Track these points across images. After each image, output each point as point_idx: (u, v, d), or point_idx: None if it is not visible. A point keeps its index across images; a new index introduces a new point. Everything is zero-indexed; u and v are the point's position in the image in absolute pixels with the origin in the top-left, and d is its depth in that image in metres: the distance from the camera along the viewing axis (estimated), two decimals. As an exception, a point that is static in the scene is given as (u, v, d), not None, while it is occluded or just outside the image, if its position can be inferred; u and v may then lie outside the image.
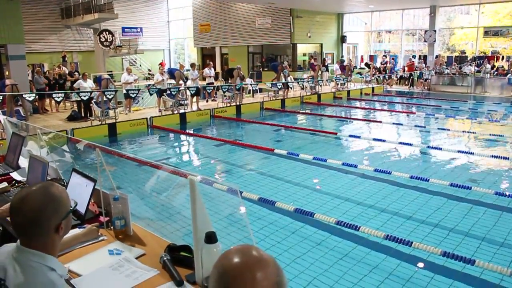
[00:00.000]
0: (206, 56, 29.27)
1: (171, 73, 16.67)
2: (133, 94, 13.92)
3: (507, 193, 6.38)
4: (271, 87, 18.02)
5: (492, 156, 8.72)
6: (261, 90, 18.65)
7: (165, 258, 2.06)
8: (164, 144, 11.69)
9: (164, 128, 12.50)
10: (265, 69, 26.12)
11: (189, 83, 16.00)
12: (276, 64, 21.79)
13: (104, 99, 12.68)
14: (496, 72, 20.65)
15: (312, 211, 5.52)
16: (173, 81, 15.76)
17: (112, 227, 2.50)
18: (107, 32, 23.49)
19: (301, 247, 4.91)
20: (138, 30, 29.75)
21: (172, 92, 14.15)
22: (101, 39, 23.11)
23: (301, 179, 7.56)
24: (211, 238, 1.74)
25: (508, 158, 8.72)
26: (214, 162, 9.21)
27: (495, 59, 22.48)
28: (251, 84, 17.31)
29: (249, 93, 18.26)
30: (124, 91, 13.98)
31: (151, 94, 14.44)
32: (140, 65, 30.51)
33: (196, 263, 1.86)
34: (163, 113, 14.07)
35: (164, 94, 14.33)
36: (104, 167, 2.60)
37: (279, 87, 17.64)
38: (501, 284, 4.08)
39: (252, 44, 26.90)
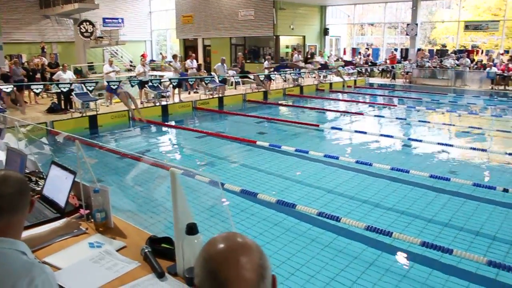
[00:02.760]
0: (189, 48, 29.04)
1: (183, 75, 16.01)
2: (114, 85, 13.75)
3: (484, 184, 6.51)
4: (253, 79, 17.99)
5: (471, 148, 8.88)
6: (243, 82, 18.61)
7: (146, 250, 2.05)
8: (146, 136, 11.61)
9: (146, 120, 12.40)
10: (248, 61, 26.05)
11: (171, 74, 15.88)
12: None
13: (85, 90, 12.51)
14: (475, 66, 20.96)
15: (294, 203, 5.55)
16: (155, 73, 15.61)
17: (92, 220, 2.48)
18: (87, 23, 23.14)
19: (283, 238, 4.94)
20: (120, 21, 29.37)
21: (154, 84, 14.03)
22: (81, 30, 22.77)
23: (283, 170, 7.59)
24: (192, 229, 1.75)
25: (486, 150, 8.89)
26: (196, 154, 9.19)
27: (475, 53, 22.80)
28: (233, 76, 17.25)
29: (231, 85, 18.21)
30: (105, 83, 13.81)
31: (132, 86, 14.29)
32: (122, 57, 30.17)
33: (177, 254, 1.86)
34: (145, 105, 13.95)
35: (146, 86, 14.20)
36: (84, 159, 2.58)
37: (262, 79, 17.62)
38: (477, 272, 4.17)
39: (235, 36, 26.77)
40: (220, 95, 15.69)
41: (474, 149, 8.86)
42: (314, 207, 5.49)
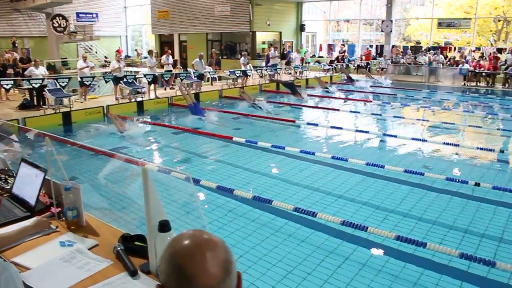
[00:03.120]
0: (165, 43, 28.77)
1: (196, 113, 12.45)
2: (87, 81, 13.54)
3: (457, 178, 6.63)
4: (229, 75, 17.94)
5: (444, 143, 9.04)
6: (220, 78, 18.54)
7: (118, 248, 2.02)
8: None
9: (121, 117, 12.21)
10: (224, 57, 25.97)
11: (146, 70, 15.72)
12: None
13: (58, 86, 12.27)
14: (448, 63, 21.34)
15: (270, 199, 5.56)
16: (130, 69, 15.43)
17: (63, 218, 2.43)
18: (60, 17, 22.69)
19: (259, 234, 4.94)
20: (94, 15, 28.91)
21: (129, 80, 13.86)
22: (54, 25, 22.31)
23: (259, 166, 7.59)
24: (164, 226, 1.72)
25: (458, 145, 9.06)
26: (172, 151, 9.11)
27: (448, 49, 23.22)
28: (209, 72, 17.17)
29: (207, 81, 18.12)
30: (79, 79, 13.59)
31: (106, 82, 14.09)
32: (96, 52, 29.71)
33: (150, 252, 1.84)
34: (120, 101, 13.77)
35: (121, 81, 14.01)
36: (55, 156, 2.52)
37: (238, 75, 17.59)
38: (450, 265, 4.25)
39: (211, 31, 26.64)
40: (197, 91, 15.60)
41: (447, 144, 9.02)
42: (290, 203, 5.51)
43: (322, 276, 4.07)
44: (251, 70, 18.97)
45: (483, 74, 19.74)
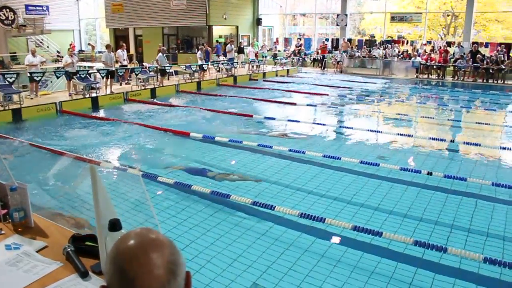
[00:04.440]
0: (119, 38, 28.08)
1: None
2: (37, 77, 13.05)
3: (411, 168, 6.81)
4: (185, 69, 17.71)
5: (398, 134, 9.28)
6: (176, 72, 18.29)
7: (68, 249, 1.94)
8: (74, 129, 11.07)
9: (75, 113, 11.87)
10: (181, 51, 25.65)
11: (101, 65, 15.31)
12: None
13: (6, 82, 11.76)
14: (401, 56, 21.90)
15: (228, 193, 5.53)
16: (84, 64, 15.00)
17: (10, 220, 2.31)
18: (7, 10, 21.75)
19: (218, 229, 4.91)
20: (44, 8, 27.83)
21: (81, 75, 13.45)
22: (1, 17, 21.36)
23: (216, 161, 7.55)
24: (115, 225, 1.66)
25: (412, 136, 9.31)
26: (128, 148, 8.89)
27: (401, 43, 23.81)
28: (165, 67, 16.90)
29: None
30: (28, 74, 13.07)
31: (57, 77, 13.63)
32: (48, 47, 28.71)
33: (101, 252, 1.77)
34: (74, 97, 13.36)
35: (74, 77, 13.58)
36: (-1, 155, 2.40)
37: (194, 69, 17.42)
38: (405, 252, 4.36)
39: (167, 25, 26.23)
40: (154, 86, 15.36)
41: (401, 135, 9.26)
42: (249, 197, 5.51)
43: (281, 269, 4.09)
44: (207, 64, 18.81)
45: (434, 66, 20.39)
